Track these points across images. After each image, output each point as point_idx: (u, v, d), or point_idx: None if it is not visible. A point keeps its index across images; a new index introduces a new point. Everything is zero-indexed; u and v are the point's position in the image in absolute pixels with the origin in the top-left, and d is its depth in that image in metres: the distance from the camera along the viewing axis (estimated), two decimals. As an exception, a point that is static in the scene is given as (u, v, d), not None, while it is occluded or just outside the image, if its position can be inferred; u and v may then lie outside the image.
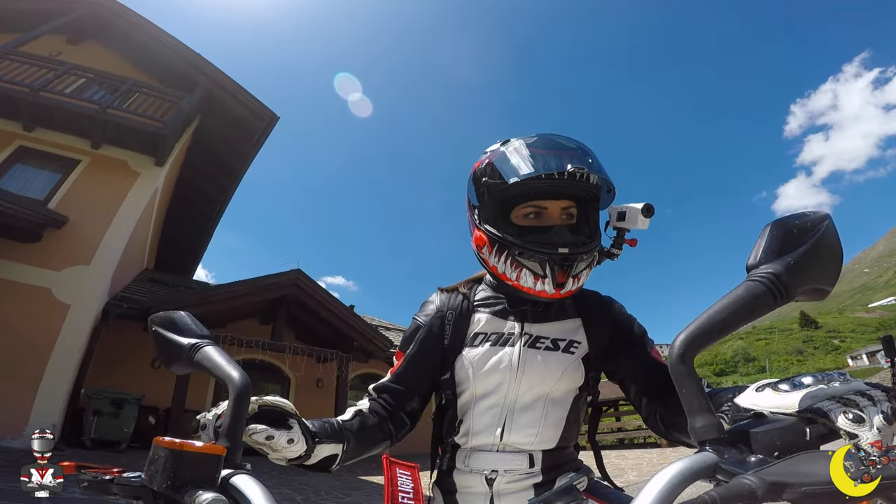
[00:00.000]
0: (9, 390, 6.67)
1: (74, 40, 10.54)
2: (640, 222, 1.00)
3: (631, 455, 11.14)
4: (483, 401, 1.02)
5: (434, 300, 1.15)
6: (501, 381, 1.00)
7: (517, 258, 0.97)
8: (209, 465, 0.56)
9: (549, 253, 0.94)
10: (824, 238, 0.54)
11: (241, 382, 0.69)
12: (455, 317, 1.09)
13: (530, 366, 1.00)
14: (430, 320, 1.11)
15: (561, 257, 0.94)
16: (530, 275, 0.96)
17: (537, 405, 1.00)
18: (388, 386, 1.08)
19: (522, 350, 1.01)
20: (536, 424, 0.99)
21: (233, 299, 10.02)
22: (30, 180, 8.44)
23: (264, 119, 11.02)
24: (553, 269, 0.95)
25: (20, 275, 7.43)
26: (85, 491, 0.63)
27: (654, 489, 0.46)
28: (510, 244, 0.97)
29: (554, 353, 1.02)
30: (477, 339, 1.05)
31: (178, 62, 10.53)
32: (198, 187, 12.56)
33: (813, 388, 0.49)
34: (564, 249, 0.94)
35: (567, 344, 1.03)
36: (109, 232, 8.39)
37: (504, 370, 1.00)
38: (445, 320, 1.09)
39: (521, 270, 0.97)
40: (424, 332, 1.10)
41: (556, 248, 0.94)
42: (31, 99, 8.25)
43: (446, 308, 1.11)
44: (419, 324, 1.12)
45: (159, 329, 0.80)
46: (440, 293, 1.16)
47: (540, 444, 1.00)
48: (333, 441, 0.89)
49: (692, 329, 0.52)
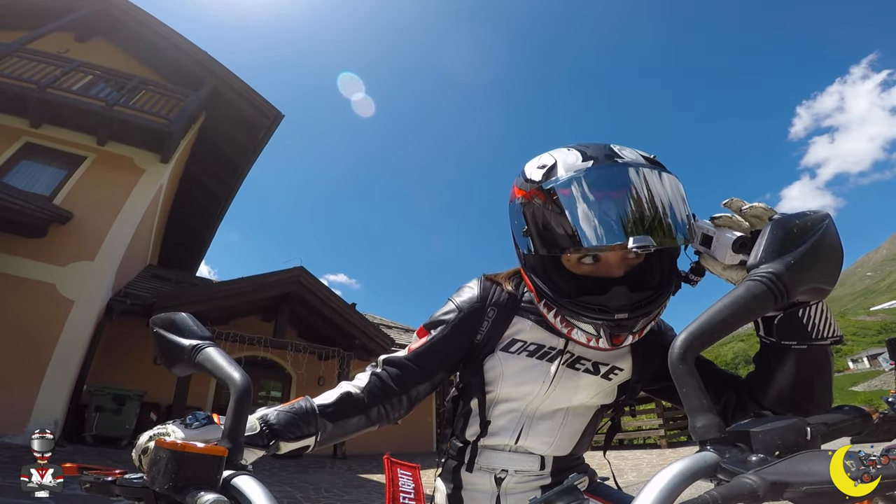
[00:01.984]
0: (11, 386, 6.69)
1: (82, 38, 10.61)
2: (729, 258, 0.76)
3: (630, 455, 11.13)
4: (503, 405, 0.99)
5: (475, 288, 1.02)
6: (528, 392, 0.97)
7: (566, 317, 0.86)
8: (211, 466, 0.56)
9: (605, 320, 0.81)
10: (824, 237, 0.54)
11: (243, 383, 0.69)
12: (496, 315, 0.98)
13: (563, 385, 0.96)
14: (468, 310, 0.99)
15: (617, 324, 0.81)
16: (583, 334, 0.86)
17: (557, 416, 0.99)
18: (403, 362, 0.97)
19: (560, 369, 0.96)
20: (553, 434, 0.99)
21: (236, 296, 10.04)
22: (36, 176, 8.49)
23: (269, 117, 11.07)
24: (608, 332, 0.83)
25: (25, 270, 7.47)
26: (87, 492, 0.63)
27: (654, 489, 0.46)
28: (559, 305, 0.85)
29: (592, 376, 0.97)
30: (515, 346, 0.97)
31: (184, 60, 10.59)
32: (202, 184, 12.62)
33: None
34: (622, 315, 0.80)
35: (608, 370, 0.97)
36: (114, 228, 8.44)
37: (534, 383, 0.96)
38: (486, 316, 0.99)
39: (573, 329, 0.87)
40: (458, 319, 0.98)
41: (613, 315, 0.80)
42: (39, 96, 8.31)
43: (489, 302, 0.99)
44: (456, 308, 1.00)
45: (161, 330, 0.81)
46: (483, 281, 1.04)
47: (553, 451, 0.99)
48: (299, 438, 0.82)
49: (692, 329, 0.52)
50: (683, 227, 0.78)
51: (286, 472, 7.63)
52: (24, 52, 8.88)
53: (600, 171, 0.78)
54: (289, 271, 10.63)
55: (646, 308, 0.81)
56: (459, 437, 1.04)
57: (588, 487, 1.00)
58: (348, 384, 0.95)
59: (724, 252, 0.76)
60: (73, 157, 8.86)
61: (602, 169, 0.78)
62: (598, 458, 1.17)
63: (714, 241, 0.78)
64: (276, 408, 0.83)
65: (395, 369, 0.96)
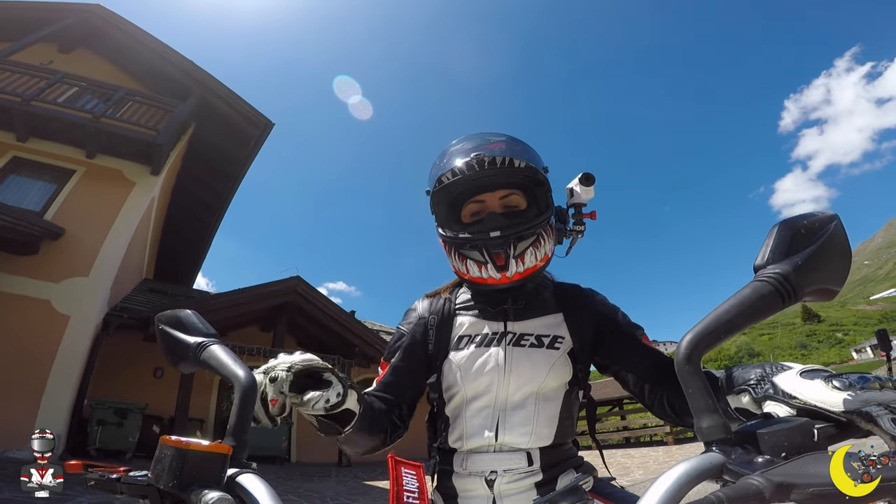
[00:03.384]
0: (12, 401, 6.65)
1: (66, 49, 10.51)
2: (585, 192, 1.10)
3: (637, 454, 11.13)
4: (474, 403, 1.02)
5: (417, 307, 1.16)
6: (490, 383, 1.00)
7: (461, 251, 1.02)
8: (215, 464, 0.56)
9: (482, 239, 0.98)
10: (832, 238, 0.54)
11: (247, 381, 0.69)
12: (438, 321, 1.10)
13: (517, 364, 1.00)
14: (413, 328, 1.11)
15: (495, 242, 0.97)
16: (474, 264, 1.00)
17: (528, 403, 1.00)
18: (376, 394, 1.05)
19: (508, 349, 1.02)
20: (530, 423, 0.99)
21: (233, 307, 10.01)
22: (25, 191, 8.40)
23: (259, 125, 11.00)
24: (490, 254, 0.98)
25: (19, 287, 7.40)
26: (92, 490, 0.63)
27: (660, 489, 0.46)
28: (453, 241, 1.02)
29: (539, 349, 1.02)
30: (462, 342, 1.06)
31: (170, 70, 10.51)
32: (195, 195, 12.54)
33: (863, 394, 0.50)
34: (496, 233, 0.97)
35: (551, 339, 1.03)
36: (107, 242, 8.35)
37: (491, 371, 1.00)
38: (428, 325, 1.10)
39: (467, 262, 1.01)
40: (408, 339, 1.10)
41: (488, 233, 0.97)
42: (24, 109, 8.20)
43: (429, 313, 1.12)
44: (402, 332, 1.12)
45: (166, 328, 0.81)
46: (424, 299, 1.18)
47: (536, 441, 0.99)
48: (356, 395, 0.87)
49: (699, 329, 0.52)
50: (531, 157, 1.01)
51: (292, 482, 7.61)
52: (7, 64, 8.75)
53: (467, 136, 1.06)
54: (285, 281, 10.61)
55: (516, 228, 0.98)
56: (443, 446, 1.05)
57: (592, 487, 1.00)
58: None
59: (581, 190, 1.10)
60: (62, 171, 8.75)
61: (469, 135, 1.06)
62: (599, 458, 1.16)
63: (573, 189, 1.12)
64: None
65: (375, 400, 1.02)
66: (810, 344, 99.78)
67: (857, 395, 0.49)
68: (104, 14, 10.40)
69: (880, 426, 0.46)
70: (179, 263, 14.64)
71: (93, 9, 10.35)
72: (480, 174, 0.98)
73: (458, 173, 0.98)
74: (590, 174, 1.09)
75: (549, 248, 1.05)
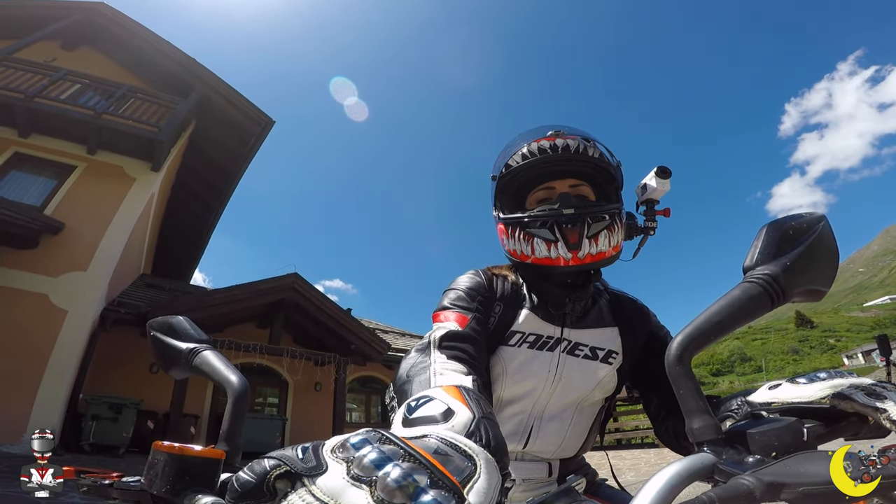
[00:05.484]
0: (7, 396, 6.64)
1: (69, 46, 10.51)
2: (660, 185, 1.01)
3: (629, 455, 11.12)
4: (509, 407, 0.97)
5: (480, 277, 1.00)
6: (534, 388, 0.95)
7: (527, 230, 0.93)
8: (208, 468, 0.56)
9: (556, 215, 0.91)
10: (820, 239, 0.55)
11: (240, 386, 0.69)
12: (502, 310, 0.97)
13: (567, 374, 0.95)
14: (487, 293, 0.97)
15: (567, 218, 0.90)
16: (542, 243, 0.91)
17: (566, 415, 0.97)
18: (469, 335, 0.85)
19: (562, 357, 0.96)
20: (562, 434, 0.97)
21: (230, 304, 9.97)
22: (26, 187, 8.40)
23: (260, 123, 11.00)
24: (563, 230, 0.90)
25: (17, 281, 7.39)
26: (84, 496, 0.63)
27: (652, 490, 0.46)
28: (520, 221, 0.94)
29: (592, 362, 0.97)
30: (514, 338, 0.96)
31: (172, 67, 10.52)
32: (194, 192, 12.53)
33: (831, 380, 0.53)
34: (570, 210, 0.91)
35: (605, 354, 0.98)
36: (106, 238, 8.35)
37: (540, 376, 0.95)
38: (493, 311, 0.96)
39: (534, 241, 0.92)
40: (483, 300, 0.95)
41: (561, 210, 0.91)
42: (26, 105, 8.21)
43: (498, 295, 0.98)
44: (478, 284, 0.98)
45: (158, 334, 0.81)
46: (484, 273, 1.02)
47: (562, 452, 0.97)
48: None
49: (689, 331, 0.52)
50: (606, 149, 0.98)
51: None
52: (11, 62, 8.78)
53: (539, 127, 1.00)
54: (282, 278, 10.59)
55: (591, 208, 0.93)
56: None
57: (587, 488, 1.00)
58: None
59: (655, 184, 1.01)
60: (63, 167, 8.76)
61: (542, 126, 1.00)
62: (597, 456, 1.16)
63: (647, 184, 1.04)
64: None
65: (469, 344, 0.83)
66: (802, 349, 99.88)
67: (826, 383, 0.52)
68: (108, 12, 10.40)
69: (856, 401, 0.48)
70: (177, 259, 14.63)
71: (97, 7, 10.36)
72: (552, 157, 0.94)
73: (528, 156, 0.94)
74: (666, 167, 1.01)
75: (620, 239, 0.97)
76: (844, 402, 0.49)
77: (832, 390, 0.50)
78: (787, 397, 0.53)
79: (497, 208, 1.03)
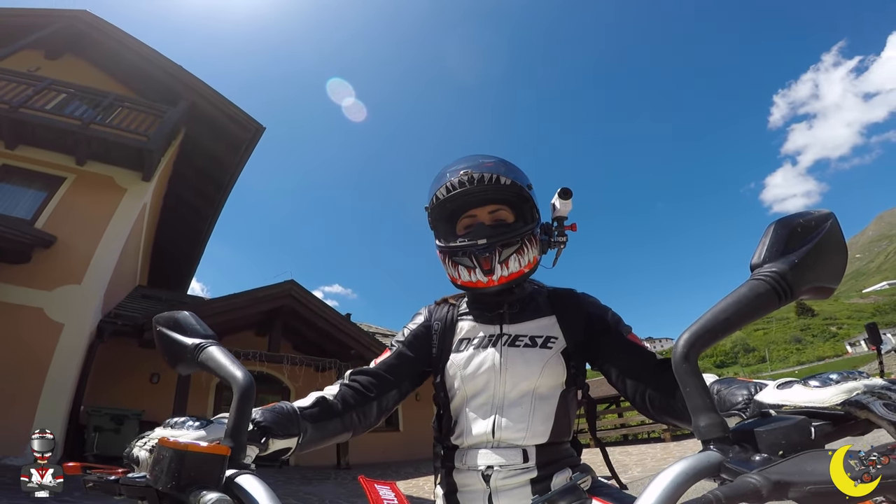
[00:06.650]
0: (8, 409, 6.62)
1: (53, 55, 10.39)
2: (562, 205, 1.20)
3: (634, 451, 11.15)
4: (474, 400, 1.08)
5: (423, 312, 1.25)
6: (488, 381, 1.07)
7: (454, 258, 1.12)
8: (213, 465, 0.56)
9: (470, 246, 1.08)
10: (828, 237, 0.54)
11: (245, 382, 0.69)
12: (441, 327, 1.19)
13: (512, 363, 1.07)
14: (418, 328, 1.21)
15: (480, 248, 1.07)
16: (464, 269, 1.10)
17: (525, 401, 1.05)
18: (375, 371, 1.13)
19: (503, 349, 1.09)
20: (525, 419, 1.03)
21: (228, 312, 9.95)
22: (15, 200, 8.31)
23: (250, 130, 10.93)
24: (478, 259, 1.07)
25: (12, 296, 7.34)
26: (90, 491, 0.63)
27: (657, 488, 0.46)
28: (447, 250, 1.13)
29: (532, 349, 1.08)
30: (462, 345, 1.14)
31: (159, 74, 10.43)
32: (187, 201, 12.45)
33: (844, 383, 0.51)
34: (482, 241, 1.07)
35: (544, 340, 1.09)
36: (99, 249, 8.28)
37: (488, 370, 1.07)
38: (433, 330, 1.19)
39: (459, 268, 1.11)
40: (412, 336, 1.20)
41: (476, 241, 1.07)
42: (12, 116, 8.11)
43: (433, 319, 1.21)
44: (409, 329, 1.22)
45: (164, 329, 0.81)
46: (431, 306, 1.27)
47: (532, 438, 1.02)
48: (287, 437, 0.88)
49: (696, 328, 0.52)
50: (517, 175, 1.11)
51: (291, 485, 7.58)
52: (-7, 73, 8.65)
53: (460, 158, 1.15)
54: (280, 285, 10.57)
55: (500, 237, 1.08)
56: (447, 443, 1.10)
57: (590, 488, 1.00)
58: (319, 392, 1.05)
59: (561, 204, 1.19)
60: (52, 179, 8.66)
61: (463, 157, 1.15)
62: (598, 457, 1.17)
63: (555, 204, 1.21)
64: (259, 408, 0.87)
65: (367, 377, 1.11)
66: (805, 338, 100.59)
67: (841, 387, 0.51)
68: (90, 20, 10.29)
69: (874, 412, 0.47)
70: (173, 269, 14.55)
71: (79, 14, 10.25)
72: (470, 189, 1.08)
73: (450, 189, 1.09)
74: (567, 189, 1.20)
75: (534, 256, 1.13)
76: (861, 410, 0.48)
77: (846, 395, 0.49)
78: (798, 401, 0.52)
79: (436, 237, 1.20)
